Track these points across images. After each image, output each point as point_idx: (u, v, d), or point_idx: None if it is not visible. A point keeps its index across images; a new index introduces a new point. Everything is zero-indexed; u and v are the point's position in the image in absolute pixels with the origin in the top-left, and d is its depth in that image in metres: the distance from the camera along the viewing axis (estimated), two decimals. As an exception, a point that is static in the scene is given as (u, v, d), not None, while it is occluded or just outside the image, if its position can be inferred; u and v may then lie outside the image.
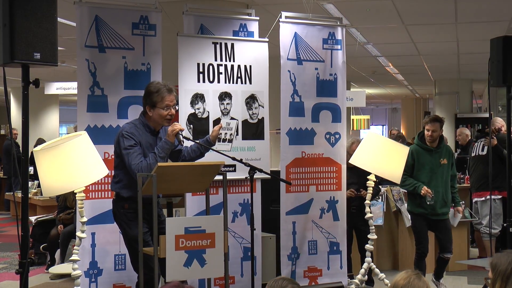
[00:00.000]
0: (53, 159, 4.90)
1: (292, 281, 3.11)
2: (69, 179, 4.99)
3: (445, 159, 7.05)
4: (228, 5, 7.75)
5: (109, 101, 6.02)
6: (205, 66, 6.42)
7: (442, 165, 7.02)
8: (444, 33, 10.52)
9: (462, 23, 9.46)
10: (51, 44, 4.62)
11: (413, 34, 10.58)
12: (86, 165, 5.04)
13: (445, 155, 7.08)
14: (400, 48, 12.32)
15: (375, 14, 8.70)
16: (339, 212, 7.01)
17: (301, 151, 6.87)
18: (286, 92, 6.78)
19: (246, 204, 6.54)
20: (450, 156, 7.16)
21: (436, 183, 6.94)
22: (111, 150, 5.93)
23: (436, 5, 8.15)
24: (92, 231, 5.92)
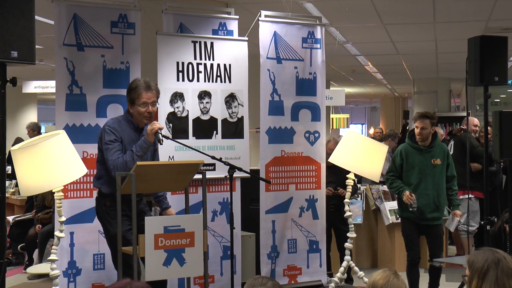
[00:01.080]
0: (31, 158, 4.87)
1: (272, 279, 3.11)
2: (47, 178, 4.95)
3: (438, 159, 6.48)
4: (207, 3, 7.74)
5: (87, 100, 5.99)
6: (185, 65, 6.41)
7: (434, 166, 6.46)
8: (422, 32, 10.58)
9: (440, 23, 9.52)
10: (29, 42, 4.59)
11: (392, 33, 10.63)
12: (64, 164, 5.00)
13: (439, 155, 6.51)
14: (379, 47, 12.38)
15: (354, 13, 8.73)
16: (318, 210, 7.02)
17: (280, 150, 6.87)
18: (265, 91, 6.78)
19: (225, 203, 6.53)
20: (445, 156, 6.56)
21: (426, 186, 6.43)
22: (90, 149, 5.95)
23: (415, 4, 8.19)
24: (70, 231, 5.88)
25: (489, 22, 9.25)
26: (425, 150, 6.49)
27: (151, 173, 4.82)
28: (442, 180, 6.51)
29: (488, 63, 6.28)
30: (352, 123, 25.83)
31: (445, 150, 6.62)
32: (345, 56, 13.38)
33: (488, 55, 6.27)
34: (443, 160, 6.51)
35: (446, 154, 6.59)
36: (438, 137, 6.66)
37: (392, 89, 23.80)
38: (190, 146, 5.54)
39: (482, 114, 6.80)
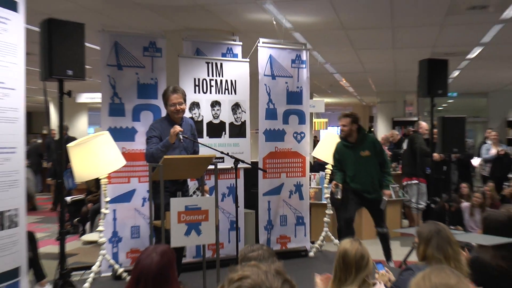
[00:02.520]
0: (83, 153, 4.88)
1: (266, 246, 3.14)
2: (95, 168, 4.97)
3: (366, 151, 6.14)
4: (218, 33, 7.72)
5: (125, 108, 6.00)
6: (200, 80, 6.41)
7: (363, 157, 6.15)
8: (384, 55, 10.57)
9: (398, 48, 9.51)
10: (80, 63, 4.60)
11: (361, 56, 10.61)
12: (108, 157, 5.02)
13: (367, 147, 6.17)
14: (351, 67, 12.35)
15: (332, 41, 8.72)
16: (303, 193, 7.02)
17: (274, 146, 6.87)
18: (263, 100, 6.78)
19: (232, 187, 6.55)
20: (373, 146, 6.19)
21: (360, 174, 6.16)
22: (128, 146, 5.96)
23: (378, 34, 8.19)
24: (113, 208, 5.90)
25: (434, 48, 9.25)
26: (353, 145, 6.21)
27: (175, 164, 4.83)
28: (374, 167, 6.17)
29: (434, 80, 6.29)
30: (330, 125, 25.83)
31: (373, 141, 6.25)
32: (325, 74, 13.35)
33: (434, 73, 6.28)
34: (372, 150, 6.16)
35: (374, 144, 6.22)
36: (363, 132, 6.27)
37: (360, 99, 23.76)
38: (204, 144, 5.54)
39: (429, 119, 6.78)
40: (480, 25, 7.54)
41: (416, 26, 7.64)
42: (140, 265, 2.72)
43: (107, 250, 5.79)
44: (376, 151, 6.19)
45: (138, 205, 6.04)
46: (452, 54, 9.69)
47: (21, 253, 4.05)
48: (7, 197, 3.90)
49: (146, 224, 5.94)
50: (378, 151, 6.21)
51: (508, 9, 6.59)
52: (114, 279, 5.74)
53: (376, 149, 6.21)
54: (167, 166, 4.70)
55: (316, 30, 7.82)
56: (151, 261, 2.71)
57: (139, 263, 2.75)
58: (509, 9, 6.58)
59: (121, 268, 5.82)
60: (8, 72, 3.92)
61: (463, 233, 5.85)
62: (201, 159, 5.08)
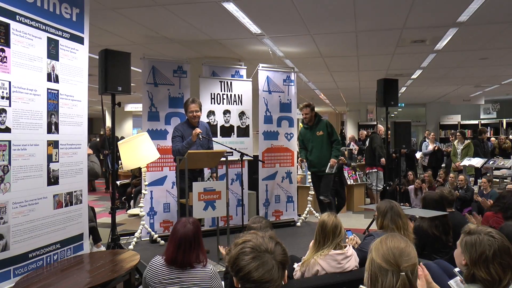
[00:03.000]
0: (129, 148, 4.85)
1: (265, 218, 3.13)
2: (137, 160, 4.94)
3: (320, 131, 6.04)
4: (229, 60, 7.70)
5: (160, 115, 5.96)
6: (215, 94, 6.39)
7: (318, 136, 6.06)
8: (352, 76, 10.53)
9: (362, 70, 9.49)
10: (127, 81, 4.57)
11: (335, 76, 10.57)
12: (147, 151, 4.98)
13: (320, 128, 6.07)
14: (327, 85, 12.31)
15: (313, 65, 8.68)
16: (292, 178, 6.97)
17: (270, 143, 6.83)
18: (262, 109, 6.74)
19: (238, 174, 6.52)
20: (326, 127, 6.02)
21: (316, 151, 6.11)
22: (161, 143, 5.92)
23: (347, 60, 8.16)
24: (151, 190, 5.87)
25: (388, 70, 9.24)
26: (311, 127, 6.17)
27: (196, 157, 4.80)
28: (326, 144, 6.03)
29: (388, 94, 6.30)
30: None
31: (326, 124, 6.08)
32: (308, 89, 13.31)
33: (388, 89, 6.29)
34: (324, 131, 6.03)
35: (327, 126, 6.04)
36: (318, 117, 6.16)
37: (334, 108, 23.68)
38: (218, 142, 5.51)
39: (385, 123, 6.76)
40: (420, 54, 7.56)
41: (375, 54, 7.64)
42: (180, 233, 2.70)
43: (146, 221, 5.77)
44: (328, 132, 6.06)
45: (169, 187, 6.00)
46: (400, 75, 9.69)
47: (84, 223, 4.07)
48: (75, 181, 3.94)
49: (175, 201, 5.92)
50: (330, 132, 6.06)
51: (439, 42, 6.60)
52: (151, 243, 5.72)
53: (328, 129, 6.06)
54: (190, 158, 4.69)
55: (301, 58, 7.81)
56: (188, 229, 2.70)
57: (178, 231, 2.72)
58: (440, 42, 6.59)
59: (156, 234, 5.79)
60: (76, 88, 3.98)
61: (409, 208, 5.84)
62: (215, 153, 5.07)
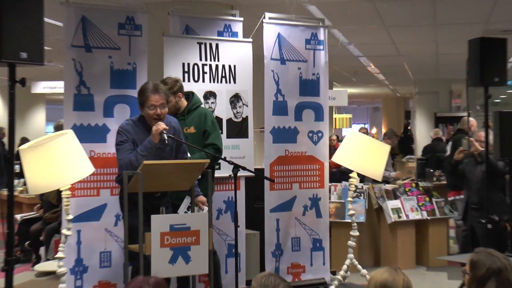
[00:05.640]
0: (39, 157, 4.85)
1: (282, 278, 3.02)
2: (55, 177, 4.94)
3: (191, 127, 5.99)
4: (212, 6, 7.72)
5: (95, 100, 5.99)
6: (190, 66, 6.41)
7: (187, 134, 5.91)
8: (423, 34, 10.56)
9: (440, 25, 9.50)
10: (38, 43, 4.58)
11: (393, 35, 10.60)
12: (72, 163, 4.99)
13: (192, 121, 6.00)
14: (381, 48, 12.35)
15: (356, 15, 8.70)
16: (321, 209, 7.00)
17: (284, 149, 6.86)
18: (269, 91, 6.77)
19: (230, 201, 6.53)
20: (203, 121, 5.99)
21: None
22: (97, 149, 5.96)
23: (416, 7, 8.17)
24: (77, 229, 5.87)
25: (488, 24, 9.22)
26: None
27: (157, 171, 4.81)
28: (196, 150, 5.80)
29: (488, 64, 6.24)
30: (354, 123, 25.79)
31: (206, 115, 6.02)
32: (348, 57, 13.36)
33: (488, 56, 6.23)
34: (199, 126, 5.97)
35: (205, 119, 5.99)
36: (194, 102, 6.05)
37: (394, 90, 23.77)
38: (195, 146, 5.52)
39: (483, 114, 6.74)
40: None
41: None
42: None
43: (68, 283, 5.76)
44: (204, 128, 5.99)
45: (110, 224, 6.02)
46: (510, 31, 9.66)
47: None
48: None
49: (120, 249, 5.92)
50: (208, 128, 5.99)
51: None
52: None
53: (205, 124, 6.00)
54: (147, 174, 4.69)
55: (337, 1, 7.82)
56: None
57: None
58: None
59: (88, 305, 5.80)
60: None
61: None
62: (191, 165, 5.07)
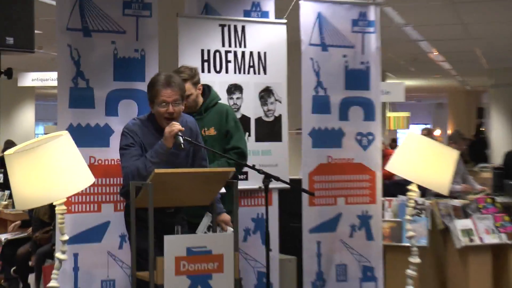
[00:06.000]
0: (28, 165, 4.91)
1: None
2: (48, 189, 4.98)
3: (211, 127, 6.07)
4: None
5: (95, 95, 6.04)
6: (211, 53, 6.46)
7: (206, 137, 6.00)
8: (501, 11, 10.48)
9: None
10: (27, 27, 4.65)
11: (463, 13, 10.55)
12: (67, 172, 5.04)
13: (212, 121, 6.06)
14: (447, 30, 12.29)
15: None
16: (373, 229, 7.02)
17: (326, 155, 6.90)
18: (308, 84, 6.81)
19: (260, 219, 6.58)
20: (224, 120, 6.08)
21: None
22: (98, 154, 6.01)
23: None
24: (74, 252, 5.92)
25: None
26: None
27: (171, 182, 4.82)
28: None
29: None
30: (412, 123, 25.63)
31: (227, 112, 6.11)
32: (405, 41, 13.32)
33: None
34: (221, 127, 6.04)
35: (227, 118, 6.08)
36: (212, 96, 6.13)
37: (462, 82, 23.60)
38: (216, 151, 5.55)
39: None
40: None
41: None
42: None
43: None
44: (226, 129, 6.08)
45: (114, 246, 6.06)
46: None
47: None
48: None
49: (126, 276, 5.98)
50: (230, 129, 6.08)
51: None
52: None
53: (227, 125, 6.08)
54: (159, 185, 4.72)
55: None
56: None
57: None
58: None
59: None
60: None
61: None
62: (212, 174, 5.08)
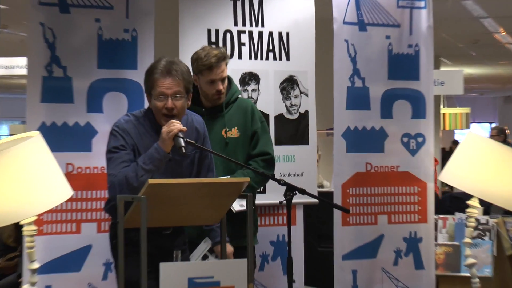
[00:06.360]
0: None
1: None
2: (13, 205, 5.00)
3: (235, 128, 6.13)
4: None
5: (74, 86, 6.06)
6: (220, 33, 6.49)
7: (229, 139, 6.14)
8: None
9: None
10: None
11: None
12: (38, 183, 5.05)
13: (234, 121, 6.14)
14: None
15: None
16: (423, 255, 7.02)
17: (365, 162, 6.91)
18: (342, 72, 6.82)
19: (281, 242, 6.59)
20: (250, 119, 6.18)
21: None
22: (78, 160, 6.03)
23: None
24: (46, 284, 5.95)
25: None
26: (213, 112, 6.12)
27: (169, 196, 4.80)
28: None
29: None
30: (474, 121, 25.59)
31: (252, 109, 6.22)
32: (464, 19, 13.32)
33: None
34: (247, 127, 6.14)
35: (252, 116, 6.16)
36: (233, 90, 6.22)
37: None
38: (227, 158, 5.54)
39: None
40: None
41: None
42: None
43: None
44: (253, 130, 6.17)
45: (96, 276, 6.10)
46: None
47: None
48: None
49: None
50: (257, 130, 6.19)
51: None
52: None
53: (254, 125, 6.18)
54: (154, 199, 4.72)
55: None
56: None
57: None
58: None
59: None
60: None
61: None
62: (222, 186, 5.07)
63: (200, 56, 5.68)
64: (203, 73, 5.66)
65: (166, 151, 4.98)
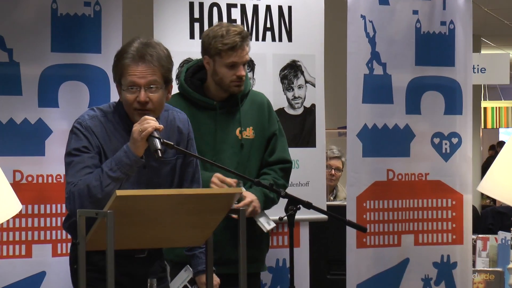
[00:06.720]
0: None
1: None
2: None
3: (250, 127, 6.27)
4: None
5: (22, 74, 6.08)
6: (205, 7, 6.51)
7: (243, 140, 6.22)
8: None
9: None
10: None
11: None
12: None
13: (249, 120, 6.30)
14: None
15: None
16: (459, 284, 7.06)
17: (386, 168, 6.95)
18: (357, 57, 6.85)
19: (281, 268, 6.62)
20: (266, 118, 6.36)
21: None
22: (27, 167, 6.02)
23: None
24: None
25: None
26: (225, 107, 6.25)
27: (143, 211, 4.82)
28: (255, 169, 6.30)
29: None
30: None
31: (267, 106, 6.40)
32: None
33: None
34: (264, 127, 6.30)
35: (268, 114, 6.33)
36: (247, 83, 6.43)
37: None
38: (216, 164, 5.56)
39: None
40: None
41: None
42: None
43: None
44: (271, 131, 6.32)
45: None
46: None
47: None
48: None
49: None
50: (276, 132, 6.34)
51: None
52: None
53: (271, 125, 6.33)
54: (124, 215, 4.73)
55: None
56: None
57: None
58: None
59: None
60: None
61: None
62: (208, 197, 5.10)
63: (217, 33, 5.69)
64: (221, 55, 5.66)
65: (138, 155, 4.89)
